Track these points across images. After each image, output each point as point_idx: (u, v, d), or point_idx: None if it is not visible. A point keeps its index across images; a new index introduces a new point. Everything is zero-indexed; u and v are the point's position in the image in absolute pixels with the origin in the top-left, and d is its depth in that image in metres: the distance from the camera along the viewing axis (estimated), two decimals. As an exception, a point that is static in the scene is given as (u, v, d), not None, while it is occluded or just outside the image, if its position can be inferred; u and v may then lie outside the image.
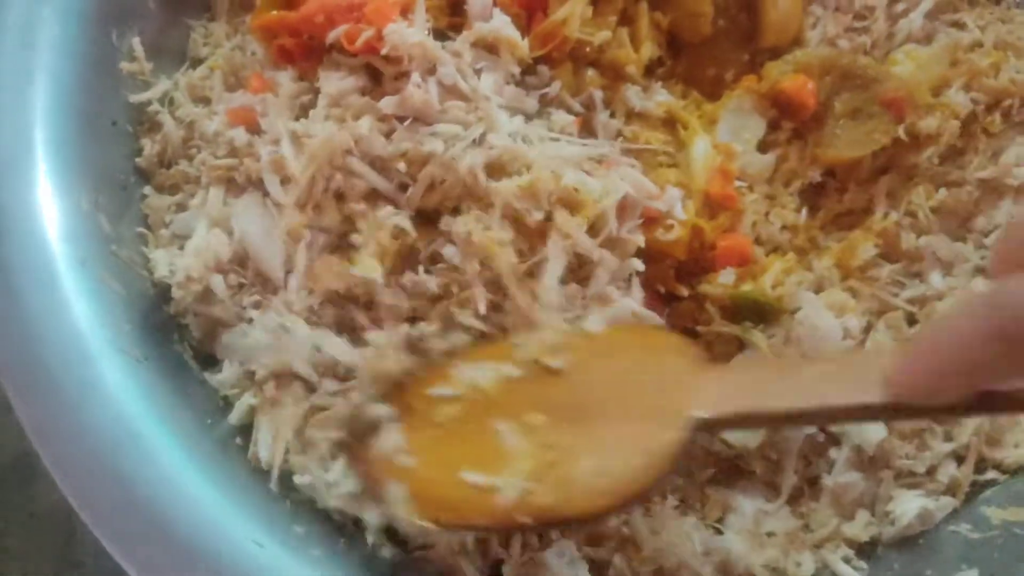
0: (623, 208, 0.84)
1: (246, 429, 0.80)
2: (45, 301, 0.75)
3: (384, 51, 0.83)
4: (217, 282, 0.82)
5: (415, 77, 0.81)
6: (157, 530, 0.69)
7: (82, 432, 0.72)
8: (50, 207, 0.78)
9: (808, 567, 0.82)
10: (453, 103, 0.82)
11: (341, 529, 0.78)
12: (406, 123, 0.81)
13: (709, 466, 0.88)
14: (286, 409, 0.78)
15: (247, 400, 0.81)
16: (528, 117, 0.87)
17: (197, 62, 0.96)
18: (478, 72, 0.85)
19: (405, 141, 0.80)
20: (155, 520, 0.70)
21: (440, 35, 0.87)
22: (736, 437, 0.87)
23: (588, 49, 0.91)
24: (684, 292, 0.89)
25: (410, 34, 0.82)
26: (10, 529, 1.14)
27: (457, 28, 0.88)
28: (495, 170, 0.80)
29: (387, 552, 0.76)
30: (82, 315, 0.76)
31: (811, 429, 0.87)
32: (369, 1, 0.85)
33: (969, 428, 0.87)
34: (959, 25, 1.03)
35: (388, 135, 0.83)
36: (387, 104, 0.82)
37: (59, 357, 0.74)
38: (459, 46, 0.85)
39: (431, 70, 0.83)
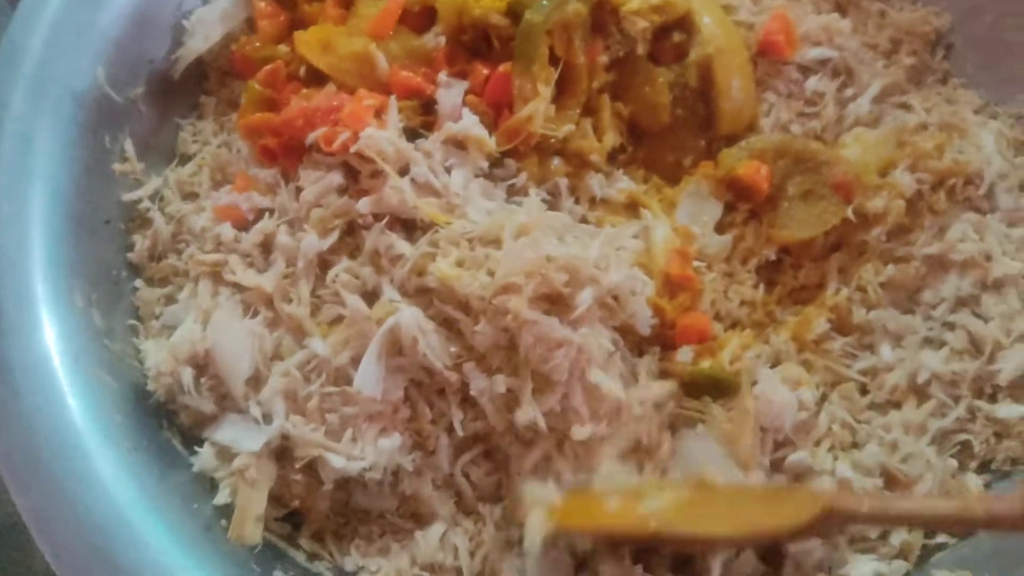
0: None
1: (231, 511, 0.85)
2: (43, 398, 0.80)
3: (354, 148, 0.88)
4: (186, 376, 0.87)
5: (392, 180, 0.86)
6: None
7: (77, 521, 0.77)
8: (46, 308, 0.84)
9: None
10: (427, 199, 0.88)
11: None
12: (383, 221, 0.87)
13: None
14: (261, 490, 0.83)
15: (230, 482, 0.85)
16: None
17: (186, 158, 1.02)
18: (448, 169, 0.91)
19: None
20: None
21: (412, 133, 0.93)
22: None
23: (553, 140, 0.97)
24: (645, 370, 0.93)
25: (382, 139, 0.88)
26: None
27: (428, 126, 0.94)
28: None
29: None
30: (77, 410, 0.81)
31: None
32: (345, 105, 0.91)
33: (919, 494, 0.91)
34: (906, 107, 1.09)
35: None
36: (364, 205, 0.87)
37: (56, 451, 0.79)
38: (430, 145, 0.91)
39: (404, 169, 0.89)
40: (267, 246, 0.92)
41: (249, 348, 0.87)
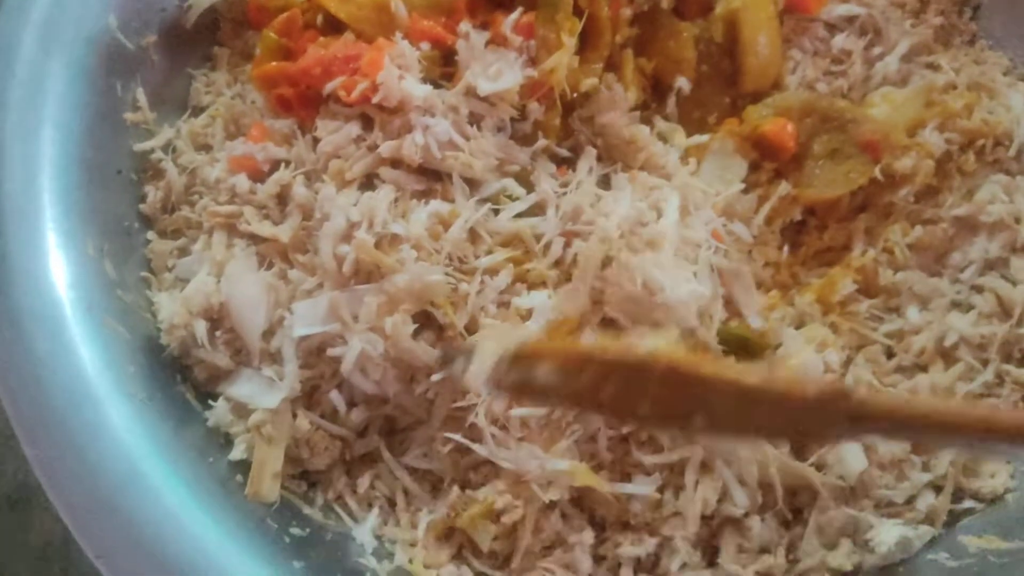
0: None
1: (246, 466, 0.83)
2: (53, 346, 0.78)
3: (376, 99, 0.86)
4: (200, 329, 0.85)
5: (416, 133, 0.85)
6: (161, 568, 0.72)
7: (89, 472, 0.75)
8: (57, 254, 0.82)
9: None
10: (453, 154, 0.86)
11: (338, 564, 0.81)
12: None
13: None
14: (278, 447, 0.81)
15: (246, 438, 0.84)
16: (521, 167, 0.91)
17: (199, 110, 0.99)
18: (470, 120, 0.89)
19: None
20: (160, 558, 0.73)
21: (433, 85, 0.90)
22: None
23: (576, 95, 0.95)
24: (672, 329, 0.91)
25: (404, 82, 0.86)
26: (8, 561, 1.16)
27: (448, 77, 0.92)
28: None
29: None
30: (88, 359, 0.79)
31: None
32: (364, 54, 0.88)
33: (946, 459, 0.90)
34: (934, 67, 1.06)
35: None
36: (386, 149, 0.85)
37: (66, 399, 0.77)
38: (453, 98, 0.88)
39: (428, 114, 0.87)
40: (283, 198, 0.90)
41: (264, 300, 0.85)
